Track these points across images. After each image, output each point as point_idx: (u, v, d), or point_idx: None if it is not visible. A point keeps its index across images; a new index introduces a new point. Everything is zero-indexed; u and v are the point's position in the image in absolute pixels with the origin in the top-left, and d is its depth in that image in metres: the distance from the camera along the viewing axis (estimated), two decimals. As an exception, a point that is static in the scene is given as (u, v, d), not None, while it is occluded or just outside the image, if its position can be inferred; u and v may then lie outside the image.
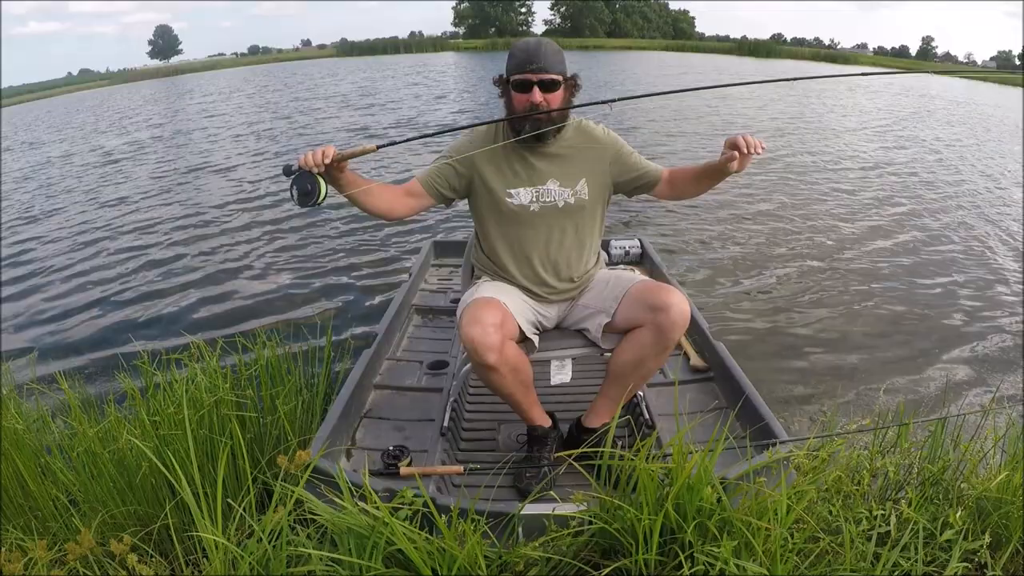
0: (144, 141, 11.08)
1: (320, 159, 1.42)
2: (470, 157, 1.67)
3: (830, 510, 1.33)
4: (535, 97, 1.55)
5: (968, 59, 75.51)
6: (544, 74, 1.55)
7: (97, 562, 1.23)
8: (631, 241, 3.19)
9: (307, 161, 1.43)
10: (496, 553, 1.25)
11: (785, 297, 3.76)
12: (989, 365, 3.02)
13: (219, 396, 1.62)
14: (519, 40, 1.69)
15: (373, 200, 1.60)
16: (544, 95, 1.56)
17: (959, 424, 1.73)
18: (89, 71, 74.39)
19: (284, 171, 1.46)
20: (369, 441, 1.86)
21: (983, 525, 1.35)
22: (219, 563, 1.16)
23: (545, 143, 1.64)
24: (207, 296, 3.98)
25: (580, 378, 2.07)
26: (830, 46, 69.76)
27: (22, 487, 1.58)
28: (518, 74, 1.56)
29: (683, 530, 1.18)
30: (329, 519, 1.21)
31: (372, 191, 1.59)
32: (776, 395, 2.62)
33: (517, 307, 1.63)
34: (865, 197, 6.11)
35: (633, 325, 1.59)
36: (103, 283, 4.32)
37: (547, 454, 1.72)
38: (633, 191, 1.75)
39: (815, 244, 4.73)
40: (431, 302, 2.86)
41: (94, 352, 3.28)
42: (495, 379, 1.55)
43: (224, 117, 13.76)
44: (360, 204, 1.59)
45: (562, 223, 1.69)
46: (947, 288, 3.96)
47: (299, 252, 4.72)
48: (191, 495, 1.20)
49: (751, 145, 1.44)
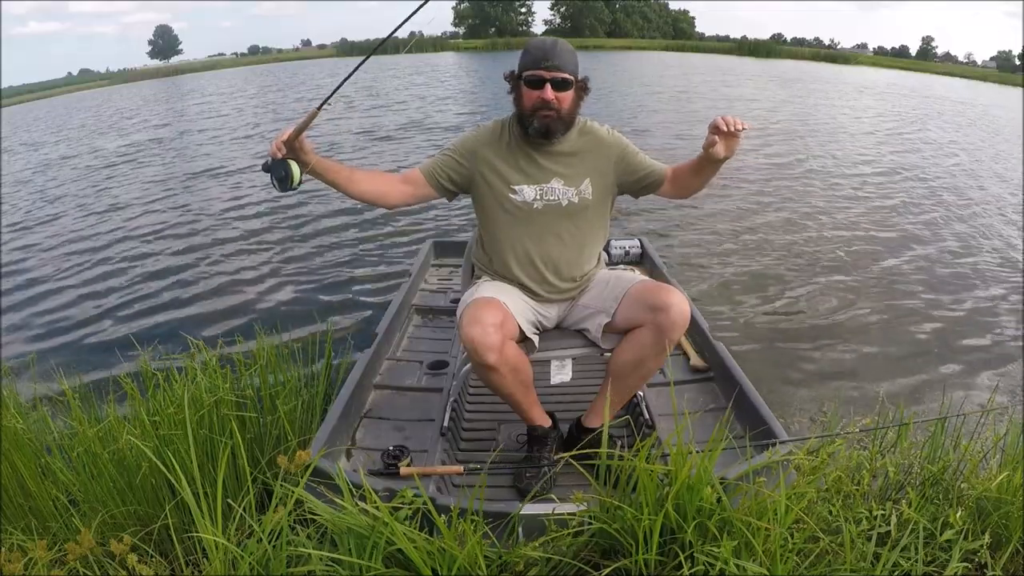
0: (144, 143, 11.08)
1: (280, 141, 1.48)
2: (474, 151, 1.67)
3: (830, 510, 1.33)
4: (547, 94, 1.55)
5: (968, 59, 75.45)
6: (558, 72, 1.55)
7: (97, 562, 1.23)
8: (631, 241, 3.20)
9: (272, 148, 1.49)
10: (496, 553, 1.25)
11: (785, 297, 3.76)
12: (989, 365, 3.01)
13: (219, 396, 1.63)
14: (534, 38, 1.69)
15: (360, 185, 1.62)
16: (556, 93, 1.56)
17: (959, 424, 1.73)
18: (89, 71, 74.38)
19: (263, 167, 1.53)
20: (369, 441, 1.86)
21: (983, 525, 1.35)
22: (219, 563, 1.16)
23: (551, 142, 1.64)
24: (207, 296, 3.97)
25: (580, 378, 2.07)
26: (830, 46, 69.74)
27: (22, 487, 1.58)
28: (532, 70, 1.56)
29: (683, 530, 1.18)
30: (329, 519, 1.21)
31: (355, 177, 1.62)
32: (776, 395, 2.61)
33: (517, 307, 1.63)
34: (867, 198, 6.11)
35: (633, 325, 1.59)
36: (103, 283, 4.32)
37: (547, 454, 1.72)
38: (639, 191, 1.74)
39: (815, 244, 4.73)
40: (431, 302, 2.86)
41: (94, 352, 3.28)
42: (495, 379, 1.55)
43: (226, 118, 13.75)
44: (344, 189, 1.61)
45: (565, 222, 1.69)
46: (947, 288, 3.96)
47: (299, 252, 4.72)
48: (191, 495, 1.20)
49: (730, 123, 1.44)
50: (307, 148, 1.53)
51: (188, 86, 28.43)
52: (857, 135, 10.08)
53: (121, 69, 62.57)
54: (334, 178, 1.59)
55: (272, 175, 1.50)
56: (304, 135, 1.51)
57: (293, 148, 1.50)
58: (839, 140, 9.49)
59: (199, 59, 76.85)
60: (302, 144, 1.51)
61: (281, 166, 1.48)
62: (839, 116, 12.53)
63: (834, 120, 11.85)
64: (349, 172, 1.62)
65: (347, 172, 1.61)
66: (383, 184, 1.67)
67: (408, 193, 1.68)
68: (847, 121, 11.76)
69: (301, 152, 1.52)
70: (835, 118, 12.15)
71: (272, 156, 1.49)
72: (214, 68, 49.57)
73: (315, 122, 1.49)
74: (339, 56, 48.90)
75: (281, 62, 50.43)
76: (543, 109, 1.56)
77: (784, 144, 8.80)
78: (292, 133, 1.48)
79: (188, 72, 45.98)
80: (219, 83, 27.63)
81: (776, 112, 12.36)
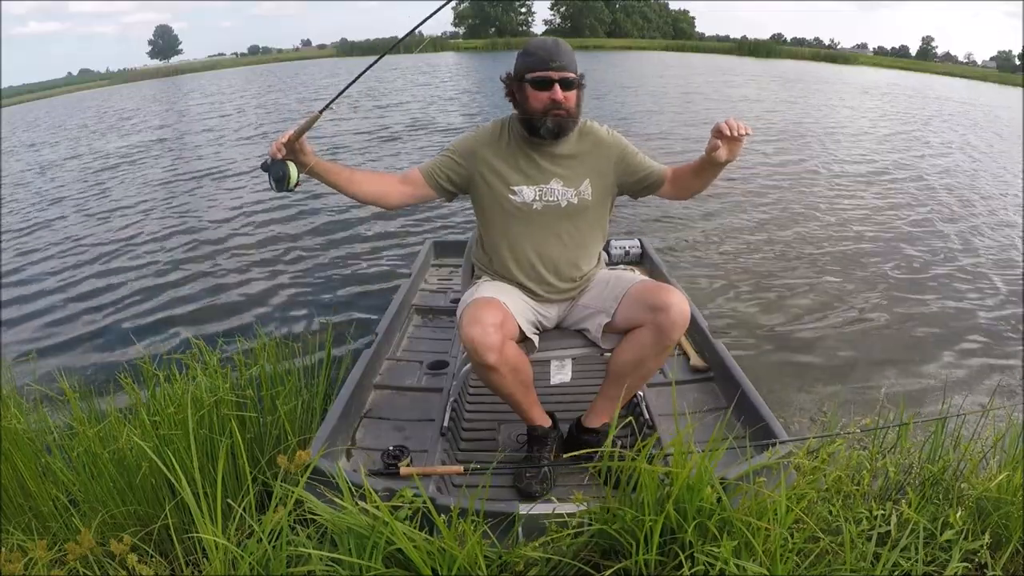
0: (145, 143, 11.07)
1: (280, 143, 1.49)
2: (473, 152, 1.67)
3: (830, 510, 1.33)
4: (557, 95, 1.55)
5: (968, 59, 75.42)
6: (564, 72, 1.55)
7: (97, 562, 1.23)
8: (631, 241, 3.20)
9: (272, 149, 1.50)
10: (496, 553, 1.25)
11: (785, 297, 3.76)
12: (989, 365, 3.01)
13: (219, 396, 1.63)
14: (532, 39, 1.69)
15: (360, 186, 1.63)
16: (564, 93, 1.56)
17: (959, 424, 1.73)
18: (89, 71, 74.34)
19: (261, 167, 1.54)
20: (369, 441, 1.86)
21: (983, 525, 1.35)
22: (219, 563, 1.16)
23: (553, 143, 1.64)
24: (207, 296, 3.97)
25: (580, 378, 2.07)
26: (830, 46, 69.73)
27: (22, 487, 1.58)
28: (539, 71, 1.56)
29: (683, 530, 1.18)
30: (329, 519, 1.21)
31: (355, 178, 1.63)
32: (776, 395, 2.61)
33: (517, 307, 1.63)
34: (867, 199, 6.11)
35: (633, 325, 1.59)
36: (103, 283, 4.32)
37: (547, 454, 1.72)
38: (639, 192, 1.74)
39: (816, 245, 4.73)
40: (431, 302, 2.86)
41: (94, 352, 3.28)
42: (495, 379, 1.55)
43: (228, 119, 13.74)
44: (344, 190, 1.62)
45: (564, 223, 1.68)
46: (948, 289, 3.95)
47: (299, 252, 4.72)
48: (191, 495, 1.20)
49: (734, 128, 1.44)
50: (307, 150, 1.53)
51: (188, 86, 28.44)
52: (858, 135, 10.07)
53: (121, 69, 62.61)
54: (334, 179, 1.59)
55: (270, 175, 1.51)
56: (305, 137, 1.51)
57: (293, 149, 1.51)
58: (840, 140, 9.48)
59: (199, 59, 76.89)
60: (302, 146, 1.52)
61: (280, 167, 1.49)
62: (840, 117, 12.52)
63: (835, 121, 11.84)
64: (349, 173, 1.62)
65: (347, 173, 1.62)
66: (383, 185, 1.67)
67: (407, 194, 1.69)
68: (848, 121, 11.75)
69: (301, 154, 1.52)
70: (836, 118, 12.14)
71: (272, 156, 1.50)
72: (214, 68, 49.56)
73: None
74: (339, 56, 48.95)
75: (281, 62, 50.44)
76: (555, 109, 1.56)
77: (785, 144, 8.79)
78: (292, 135, 1.49)
79: (188, 72, 45.98)
80: (219, 83, 27.63)
81: (777, 112, 12.36)
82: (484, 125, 1.72)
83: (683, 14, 70.59)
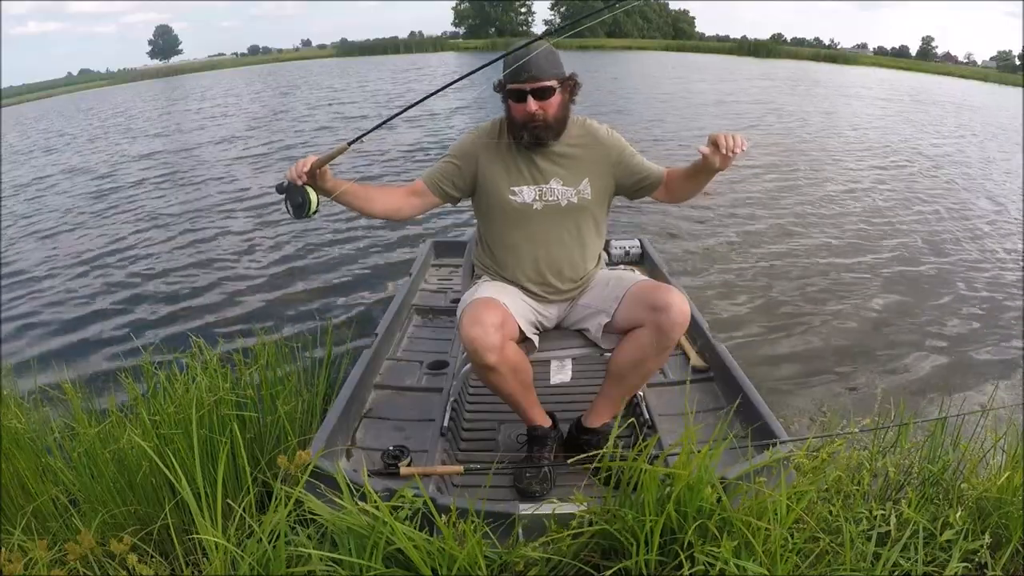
0: (145, 144, 11.08)
1: (301, 169, 1.48)
2: (473, 154, 1.68)
3: (830, 510, 1.33)
4: (530, 107, 1.55)
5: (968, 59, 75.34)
6: (535, 83, 1.54)
7: (97, 562, 1.23)
8: (631, 241, 3.20)
9: (292, 174, 1.48)
10: (496, 553, 1.25)
11: (786, 297, 3.76)
12: (989, 365, 3.01)
13: (219, 396, 1.62)
14: (511, 46, 1.69)
15: (374, 204, 1.64)
16: (539, 103, 1.56)
17: (959, 424, 1.73)
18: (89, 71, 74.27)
19: (277, 189, 1.53)
20: (369, 441, 1.86)
21: (983, 525, 1.35)
22: (219, 563, 1.16)
23: (547, 145, 1.64)
24: (207, 296, 3.98)
25: (580, 378, 2.07)
26: (830, 46, 69.68)
27: (22, 487, 1.58)
28: (512, 83, 1.57)
29: (683, 530, 1.18)
30: (329, 519, 1.21)
31: (370, 196, 1.64)
32: (776, 395, 2.61)
33: (517, 307, 1.63)
34: (868, 200, 6.10)
35: (633, 325, 1.59)
36: (104, 283, 4.32)
37: (547, 454, 1.72)
38: (635, 193, 1.74)
39: (816, 245, 4.73)
40: (431, 302, 2.86)
41: (95, 352, 3.28)
42: (495, 379, 1.55)
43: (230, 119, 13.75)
44: (361, 210, 1.63)
45: (564, 222, 1.69)
46: (948, 289, 3.95)
47: (299, 252, 4.72)
48: (191, 495, 1.20)
49: (729, 146, 1.44)
50: (328, 177, 1.53)
51: (188, 86, 28.44)
52: (859, 136, 10.08)
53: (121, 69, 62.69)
54: (350, 200, 1.60)
55: (288, 199, 1.49)
56: (327, 166, 1.51)
57: (314, 176, 1.50)
58: (840, 141, 9.48)
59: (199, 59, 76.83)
60: (324, 174, 1.52)
61: (299, 192, 1.47)
62: (840, 116, 12.52)
63: (836, 121, 11.84)
64: (364, 192, 1.63)
65: (363, 192, 1.62)
66: (395, 200, 1.69)
67: (416, 205, 1.70)
68: (849, 122, 11.75)
69: (322, 181, 1.52)
70: (836, 119, 12.14)
71: (291, 181, 1.48)
72: (214, 68, 49.56)
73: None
74: (339, 56, 48.95)
75: (281, 62, 50.46)
76: (531, 121, 1.57)
77: (786, 144, 8.79)
78: (315, 162, 1.48)
79: (188, 72, 45.99)
80: (220, 83, 27.62)
81: (777, 112, 12.36)
82: (483, 124, 1.72)
83: (683, 14, 70.60)
